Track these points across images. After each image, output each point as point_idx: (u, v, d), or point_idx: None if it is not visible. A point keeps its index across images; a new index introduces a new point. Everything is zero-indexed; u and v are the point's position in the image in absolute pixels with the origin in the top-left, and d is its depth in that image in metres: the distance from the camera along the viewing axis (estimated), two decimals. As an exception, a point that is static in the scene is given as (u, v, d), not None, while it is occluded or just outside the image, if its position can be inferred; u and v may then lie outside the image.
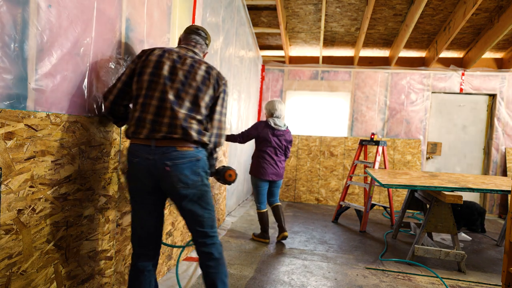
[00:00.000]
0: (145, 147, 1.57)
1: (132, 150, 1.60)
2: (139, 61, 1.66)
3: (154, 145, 1.57)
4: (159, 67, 1.63)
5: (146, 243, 1.68)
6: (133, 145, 1.61)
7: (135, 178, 1.62)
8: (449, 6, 4.62)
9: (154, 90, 1.60)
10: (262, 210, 3.57)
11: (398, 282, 2.74)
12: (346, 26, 5.36)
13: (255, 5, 4.92)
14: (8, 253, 1.21)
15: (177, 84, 1.63)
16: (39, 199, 1.33)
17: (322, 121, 6.28)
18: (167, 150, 1.57)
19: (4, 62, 1.17)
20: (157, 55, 1.65)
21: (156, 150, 1.56)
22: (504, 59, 5.72)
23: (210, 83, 1.71)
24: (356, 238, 3.96)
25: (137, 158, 1.58)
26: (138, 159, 1.57)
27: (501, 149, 5.72)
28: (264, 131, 3.46)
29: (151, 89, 1.60)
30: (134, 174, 1.61)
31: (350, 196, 5.89)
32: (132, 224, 1.70)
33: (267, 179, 3.50)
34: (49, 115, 1.34)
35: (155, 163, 1.56)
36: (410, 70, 5.94)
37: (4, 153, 1.16)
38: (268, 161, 3.48)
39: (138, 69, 1.64)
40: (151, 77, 1.61)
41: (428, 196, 3.36)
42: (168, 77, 1.63)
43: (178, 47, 1.81)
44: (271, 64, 6.35)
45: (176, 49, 1.75)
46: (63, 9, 1.41)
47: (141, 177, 1.60)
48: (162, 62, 1.64)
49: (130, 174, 1.63)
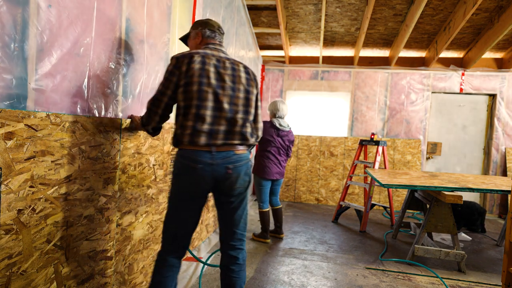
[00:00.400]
0: (206, 153, 1.62)
1: (191, 156, 1.62)
2: (179, 72, 1.64)
3: (215, 151, 1.63)
4: (205, 75, 1.64)
5: (180, 242, 1.73)
6: (191, 151, 1.62)
7: (193, 181, 1.63)
8: (449, 6, 4.62)
9: (206, 100, 1.63)
10: (264, 209, 3.59)
11: (398, 282, 2.74)
12: (346, 26, 5.36)
13: (255, 5, 4.92)
14: (8, 253, 1.21)
15: (228, 91, 1.68)
16: (39, 199, 1.33)
17: (322, 121, 6.28)
18: (227, 154, 1.66)
19: (4, 62, 1.17)
20: (199, 62, 1.64)
21: (217, 155, 1.63)
22: (504, 59, 5.72)
23: (253, 82, 1.80)
24: (356, 238, 3.96)
25: (200, 164, 1.61)
26: (202, 165, 1.61)
27: (501, 149, 5.72)
28: (269, 131, 3.52)
29: (203, 99, 1.62)
30: (193, 177, 1.63)
31: (350, 196, 5.89)
32: (169, 224, 1.72)
33: (271, 179, 3.56)
34: (49, 115, 1.34)
35: (218, 167, 1.64)
36: (410, 70, 5.94)
37: (4, 153, 1.16)
38: (273, 161, 3.53)
39: (183, 80, 1.63)
40: (200, 87, 1.62)
41: (428, 196, 3.36)
42: (217, 85, 1.66)
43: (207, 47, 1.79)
44: (271, 64, 6.35)
45: (210, 52, 1.73)
46: (63, 9, 1.41)
47: (201, 181, 1.63)
48: (206, 70, 1.64)
49: (187, 177, 1.64)
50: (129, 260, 2.04)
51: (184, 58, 1.65)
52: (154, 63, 2.24)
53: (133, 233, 2.05)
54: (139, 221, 2.11)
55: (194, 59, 1.64)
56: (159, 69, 2.33)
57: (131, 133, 1.93)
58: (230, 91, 1.69)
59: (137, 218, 2.09)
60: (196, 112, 1.61)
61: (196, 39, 1.86)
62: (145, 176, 2.14)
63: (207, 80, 1.63)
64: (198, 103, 1.61)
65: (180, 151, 1.67)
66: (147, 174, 2.17)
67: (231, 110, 1.68)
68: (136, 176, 2.04)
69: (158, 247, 2.40)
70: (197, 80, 1.61)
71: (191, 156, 1.61)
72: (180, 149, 1.67)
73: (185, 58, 1.65)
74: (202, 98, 1.62)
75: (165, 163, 2.40)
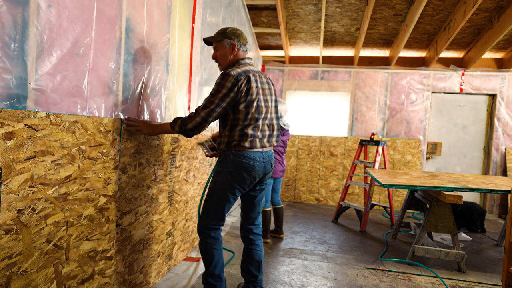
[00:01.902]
0: (259, 153, 2.04)
1: (250, 156, 2.00)
2: (238, 90, 1.93)
3: (265, 151, 2.07)
4: (260, 92, 2.03)
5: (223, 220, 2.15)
6: (249, 152, 2.00)
7: (249, 176, 2.02)
8: (449, 6, 4.62)
9: (261, 112, 2.03)
10: (267, 208, 3.63)
11: (398, 282, 2.74)
12: (346, 26, 5.36)
13: (255, 5, 4.92)
14: (8, 253, 1.21)
15: (269, 103, 2.10)
16: (39, 199, 1.33)
17: (322, 121, 6.28)
18: (270, 153, 2.13)
19: (4, 62, 1.17)
20: (254, 81, 2.00)
21: (265, 154, 2.08)
22: (504, 59, 5.72)
23: (275, 91, 2.23)
24: (356, 238, 3.96)
25: (257, 162, 2.02)
26: (258, 163, 2.02)
27: (501, 149, 5.72)
28: None
29: (260, 112, 2.02)
30: (249, 173, 2.01)
31: (350, 196, 5.89)
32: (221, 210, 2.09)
33: (276, 177, 3.64)
34: (49, 115, 1.34)
35: (266, 164, 2.09)
36: (410, 70, 5.94)
37: (4, 153, 1.16)
38: (277, 159, 3.60)
39: (244, 97, 1.96)
40: (259, 102, 2.02)
41: (428, 196, 3.36)
42: (264, 99, 2.06)
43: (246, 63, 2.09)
44: (271, 64, 6.35)
45: (253, 68, 2.07)
46: (63, 9, 1.41)
47: (255, 175, 2.04)
48: (258, 88, 2.03)
49: (244, 172, 2.00)
50: (129, 260, 2.04)
51: (240, 77, 1.95)
52: (154, 63, 2.24)
53: (133, 233, 2.05)
54: (139, 221, 2.11)
55: (251, 79, 1.98)
56: (159, 69, 2.33)
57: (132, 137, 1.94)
58: (270, 103, 2.11)
59: (137, 218, 2.09)
60: (256, 124, 2.01)
61: (230, 49, 2.09)
62: (145, 176, 2.14)
63: (260, 96, 2.03)
64: (257, 116, 2.01)
65: (237, 152, 1.99)
66: (147, 174, 2.17)
67: (271, 118, 2.11)
68: (136, 176, 2.04)
69: (158, 247, 2.40)
70: (256, 98, 2.00)
71: (249, 156, 2.00)
72: (236, 151, 2.00)
73: (241, 78, 1.95)
74: (258, 111, 2.02)
75: (165, 163, 2.40)
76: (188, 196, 2.93)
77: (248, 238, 2.23)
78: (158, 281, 2.45)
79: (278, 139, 2.19)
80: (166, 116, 2.47)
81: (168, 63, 2.46)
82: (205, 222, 2.11)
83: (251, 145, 1.99)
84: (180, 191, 2.72)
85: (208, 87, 3.41)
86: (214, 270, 2.11)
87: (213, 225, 2.11)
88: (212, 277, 2.12)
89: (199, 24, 3.02)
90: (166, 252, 2.55)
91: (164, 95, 2.42)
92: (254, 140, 2.00)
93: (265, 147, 2.06)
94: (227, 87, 1.92)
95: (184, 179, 2.79)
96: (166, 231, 2.53)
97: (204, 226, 2.11)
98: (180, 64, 2.68)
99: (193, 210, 3.08)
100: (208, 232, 2.11)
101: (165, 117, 2.46)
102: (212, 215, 2.10)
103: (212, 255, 2.11)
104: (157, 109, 2.33)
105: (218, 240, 2.14)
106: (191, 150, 2.88)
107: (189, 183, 2.92)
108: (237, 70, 1.97)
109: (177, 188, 2.65)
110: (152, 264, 2.35)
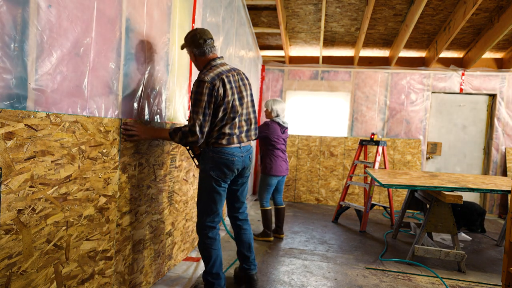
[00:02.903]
0: (237, 149, 2.14)
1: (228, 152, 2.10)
2: (217, 94, 2.01)
3: (243, 146, 2.17)
4: (234, 92, 2.10)
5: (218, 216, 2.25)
6: (227, 148, 2.10)
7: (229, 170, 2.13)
8: (449, 6, 4.62)
9: (237, 112, 2.11)
10: (268, 207, 3.65)
11: (398, 282, 2.74)
12: (346, 26, 5.36)
13: (255, 5, 4.92)
14: (8, 253, 1.21)
15: (244, 99, 2.18)
16: (39, 199, 1.33)
17: (322, 121, 6.28)
18: (249, 147, 2.24)
19: (4, 62, 1.17)
20: (228, 81, 2.07)
21: (243, 148, 2.18)
22: (504, 59, 5.72)
23: (250, 85, 2.27)
24: (356, 238, 3.96)
25: (235, 157, 2.12)
26: (236, 158, 2.13)
27: (501, 149, 5.72)
28: (276, 131, 3.61)
29: (235, 111, 2.10)
30: (229, 167, 2.12)
31: (350, 196, 5.89)
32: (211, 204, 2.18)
33: (282, 175, 3.66)
34: (49, 115, 1.34)
35: (245, 158, 2.20)
36: (410, 70, 5.94)
37: (4, 153, 1.16)
38: (282, 158, 3.64)
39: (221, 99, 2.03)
40: (234, 102, 2.10)
41: (428, 196, 3.36)
42: (239, 97, 2.13)
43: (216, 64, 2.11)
44: (271, 64, 6.35)
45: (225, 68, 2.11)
46: (63, 9, 1.41)
47: (234, 169, 2.14)
48: (233, 88, 2.10)
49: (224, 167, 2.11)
50: (129, 260, 2.04)
51: (215, 81, 2.01)
52: (154, 63, 2.24)
53: (133, 233, 2.05)
54: (139, 221, 2.11)
55: (225, 81, 2.05)
56: (159, 69, 2.33)
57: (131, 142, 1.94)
58: (245, 98, 2.19)
59: (137, 218, 2.09)
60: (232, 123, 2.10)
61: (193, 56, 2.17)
62: (145, 176, 2.14)
63: (235, 96, 2.10)
64: (233, 115, 2.09)
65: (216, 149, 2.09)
66: (147, 174, 2.17)
67: (247, 113, 2.20)
68: (136, 176, 2.04)
69: (158, 247, 2.40)
70: (231, 98, 2.08)
71: (228, 152, 2.10)
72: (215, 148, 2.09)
73: (217, 81, 2.01)
74: (234, 111, 2.10)
75: (165, 163, 2.40)
76: (188, 196, 2.93)
77: (236, 225, 2.44)
78: (158, 281, 2.45)
79: (256, 132, 2.30)
80: (166, 116, 2.47)
81: (168, 63, 2.46)
82: (201, 220, 2.23)
83: (229, 142, 2.11)
84: (180, 191, 2.72)
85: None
86: (212, 269, 2.23)
87: (209, 223, 2.22)
88: (210, 275, 2.24)
89: (199, 24, 3.02)
90: (166, 252, 2.56)
91: (164, 95, 2.42)
92: (231, 138, 2.11)
93: (243, 142, 2.18)
94: (206, 94, 1.99)
95: (184, 179, 2.79)
96: (166, 231, 2.53)
97: (201, 225, 2.23)
98: (180, 64, 2.68)
99: (193, 210, 3.08)
100: (206, 232, 2.22)
101: (165, 117, 2.46)
102: (205, 212, 2.21)
103: (210, 254, 2.22)
104: (157, 109, 2.33)
105: (216, 240, 2.25)
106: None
107: (189, 183, 2.92)
108: (210, 74, 2.02)
109: (177, 188, 2.65)
110: (152, 264, 2.35)
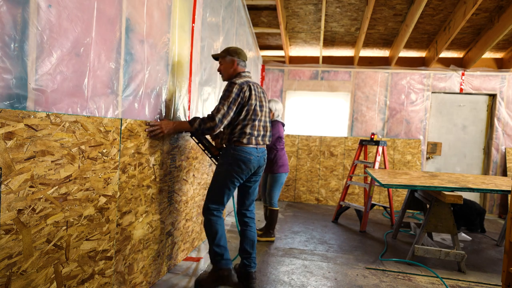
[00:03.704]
0: (254, 149, 2.39)
1: (247, 151, 2.35)
2: (244, 96, 2.32)
3: (259, 147, 2.43)
4: (257, 99, 2.42)
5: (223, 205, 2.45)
6: (246, 147, 2.35)
7: (246, 167, 2.36)
8: (449, 6, 4.62)
9: (257, 115, 2.41)
10: (277, 208, 3.69)
11: (398, 282, 2.74)
12: (346, 26, 5.36)
13: (255, 5, 4.92)
14: (8, 253, 1.21)
15: (263, 108, 2.50)
16: (39, 199, 1.33)
17: (322, 121, 6.28)
18: (263, 149, 2.49)
19: (4, 62, 1.17)
20: (254, 89, 2.40)
21: (259, 150, 2.44)
22: (504, 59, 5.72)
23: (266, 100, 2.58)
24: (356, 238, 3.96)
25: (252, 156, 2.36)
26: (253, 157, 2.37)
27: (501, 149, 5.72)
28: (282, 131, 3.69)
29: (256, 115, 2.41)
30: (246, 164, 2.35)
31: (350, 196, 5.89)
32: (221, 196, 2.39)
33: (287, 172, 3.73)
34: (49, 115, 1.34)
35: (260, 158, 2.44)
36: (410, 70, 5.94)
37: (4, 153, 1.16)
38: (285, 155, 3.74)
39: (246, 100, 2.34)
40: (256, 107, 2.40)
41: (428, 196, 3.36)
42: (260, 105, 2.45)
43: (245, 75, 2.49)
44: (271, 64, 6.34)
45: (251, 80, 2.47)
46: (63, 9, 1.41)
47: (251, 167, 2.38)
48: (256, 95, 2.42)
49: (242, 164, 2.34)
50: (129, 260, 2.04)
51: (244, 85, 2.34)
52: (154, 63, 2.24)
53: (133, 233, 2.05)
54: (139, 221, 2.11)
55: (251, 87, 2.38)
56: (160, 69, 2.33)
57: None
58: (264, 108, 2.51)
59: (137, 218, 2.09)
60: (252, 124, 2.38)
61: (231, 64, 2.50)
62: (145, 176, 2.14)
63: (257, 102, 2.42)
64: (254, 117, 2.39)
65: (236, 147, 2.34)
66: (147, 174, 2.17)
67: (265, 121, 2.50)
68: (136, 176, 2.04)
69: (158, 247, 2.40)
70: (254, 103, 2.39)
71: (247, 151, 2.34)
72: (235, 146, 2.34)
73: (245, 85, 2.34)
74: (256, 114, 2.41)
75: (165, 163, 2.40)
76: (188, 196, 2.93)
77: (243, 221, 2.60)
78: (158, 281, 2.45)
79: (270, 139, 2.60)
80: (166, 116, 2.47)
81: (168, 63, 2.46)
82: (208, 204, 2.43)
83: (248, 142, 2.35)
84: (180, 191, 2.72)
85: (208, 87, 3.41)
86: (220, 241, 2.39)
87: (214, 206, 2.42)
88: (218, 247, 2.38)
89: (199, 24, 3.02)
90: (166, 252, 2.56)
91: (164, 95, 2.42)
92: (250, 138, 2.36)
93: (259, 144, 2.43)
94: (235, 93, 2.30)
95: (184, 179, 2.79)
96: (166, 231, 2.53)
97: (207, 207, 2.43)
98: (180, 64, 2.68)
99: (193, 210, 3.08)
100: (211, 211, 2.42)
101: (164, 117, 2.46)
102: (213, 199, 2.42)
103: (216, 229, 2.40)
104: (157, 109, 2.33)
105: (220, 218, 2.44)
106: (190, 150, 2.88)
107: (189, 183, 2.92)
108: (240, 80, 2.37)
109: (177, 188, 2.65)
110: (152, 264, 2.35)
